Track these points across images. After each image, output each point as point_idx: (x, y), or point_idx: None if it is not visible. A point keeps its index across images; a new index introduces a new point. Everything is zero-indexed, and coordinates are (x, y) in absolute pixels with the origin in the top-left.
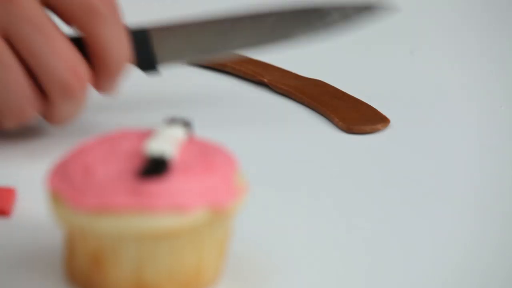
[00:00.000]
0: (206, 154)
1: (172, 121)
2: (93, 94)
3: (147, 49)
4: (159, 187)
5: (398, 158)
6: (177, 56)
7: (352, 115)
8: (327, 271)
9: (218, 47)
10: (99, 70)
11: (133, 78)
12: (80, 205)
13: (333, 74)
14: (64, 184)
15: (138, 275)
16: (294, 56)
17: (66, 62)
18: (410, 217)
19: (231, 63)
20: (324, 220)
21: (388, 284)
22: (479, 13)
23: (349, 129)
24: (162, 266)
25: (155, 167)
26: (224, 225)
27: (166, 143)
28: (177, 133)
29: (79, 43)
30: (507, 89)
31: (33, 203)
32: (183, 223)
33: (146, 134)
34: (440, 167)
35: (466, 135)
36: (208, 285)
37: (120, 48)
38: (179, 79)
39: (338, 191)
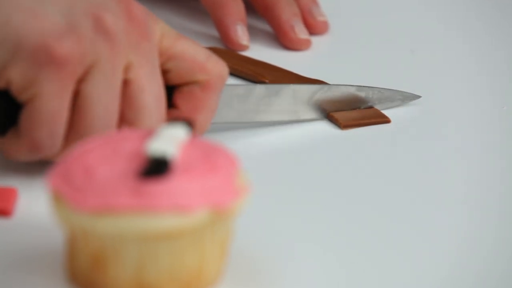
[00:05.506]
0: (207, 155)
1: (174, 121)
2: None
3: None
4: (160, 188)
5: (399, 158)
6: (220, 117)
7: (353, 114)
8: (329, 272)
9: (260, 114)
10: None
11: None
12: (81, 205)
13: (333, 74)
14: (66, 185)
15: (139, 276)
16: (295, 56)
17: (160, 109)
18: (410, 217)
19: (233, 64)
20: (327, 221)
21: (388, 283)
22: (481, 12)
23: (350, 128)
24: (164, 267)
25: (157, 168)
26: (226, 225)
27: (167, 143)
28: (179, 134)
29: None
30: (510, 89)
31: (35, 203)
32: (185, 223)
33: (148, 134)
34: (441, 167)
35: (468, 134)
36: (209, 286)
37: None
38: None
39: (340, 191)
